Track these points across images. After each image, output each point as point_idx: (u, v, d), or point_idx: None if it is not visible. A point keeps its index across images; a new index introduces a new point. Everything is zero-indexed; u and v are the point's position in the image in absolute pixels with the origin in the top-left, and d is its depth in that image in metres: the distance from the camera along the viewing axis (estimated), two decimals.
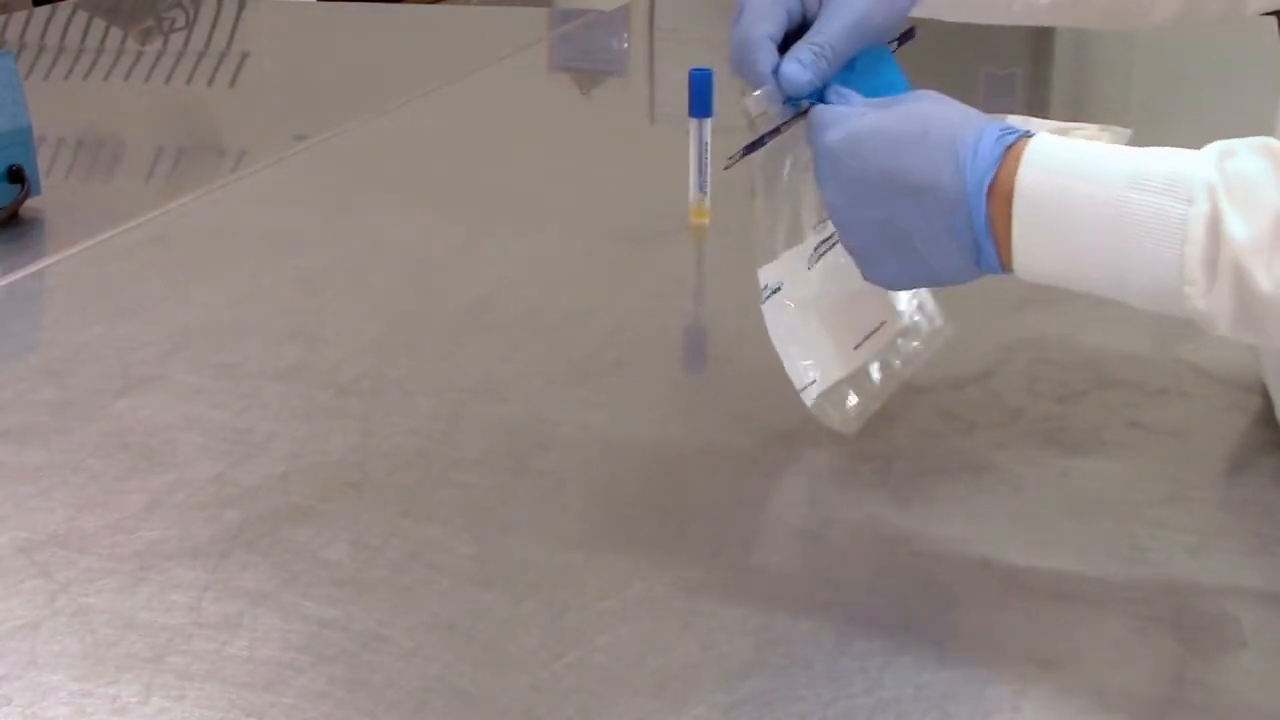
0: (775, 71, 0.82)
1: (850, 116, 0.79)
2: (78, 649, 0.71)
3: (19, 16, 2.51)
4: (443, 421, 0.96)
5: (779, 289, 0.90)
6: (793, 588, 0.76)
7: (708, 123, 1.30)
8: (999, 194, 0.74)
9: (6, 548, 0.79)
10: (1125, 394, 0.97)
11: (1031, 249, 0.74)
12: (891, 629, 0.72)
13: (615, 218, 1.38)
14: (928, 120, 0.77)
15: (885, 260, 0.79)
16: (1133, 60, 2.10)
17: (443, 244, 1.31)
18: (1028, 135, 0.75)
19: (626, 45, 2.54)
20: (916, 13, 0.91)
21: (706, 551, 0.79)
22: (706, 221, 1.32)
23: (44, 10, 2.52)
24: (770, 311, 0.90)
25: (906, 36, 0.90)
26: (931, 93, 0.80)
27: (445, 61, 2.21)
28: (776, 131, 0.85)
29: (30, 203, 1.36)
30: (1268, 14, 1.61)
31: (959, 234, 0.75)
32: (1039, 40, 2.05)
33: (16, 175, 1.34)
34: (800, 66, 0.82)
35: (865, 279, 0.82)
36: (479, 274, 1.19)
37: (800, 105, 0.84)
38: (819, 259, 0.90)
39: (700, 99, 1.29)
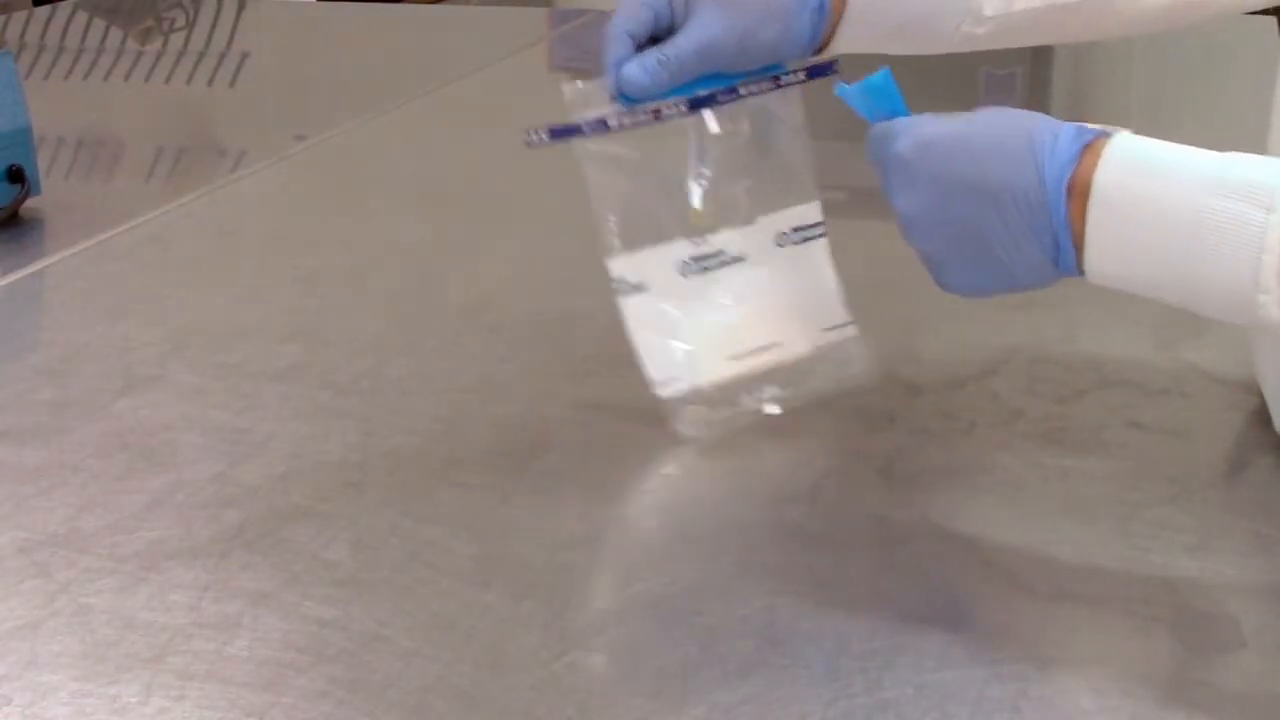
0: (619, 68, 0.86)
1: (920, 124, 0.78)
2: (78, 649, 0.71)
3: (19, 16, 2.51)
4: (443, 421, 0.96)
5: (640, 288, 0.91)
6: (793, 588, 0.76)
7: None
8: (1077, 192, 0.73)
9: (6, 548, 0.79)
10: (1125, 394, 0.97)
11: (1104, 249, 0.73)
12: (891, 629, 0.72)
13: None
14: (1002, 123, 0.76)
15: (961, 267, 0.78)
16: (1133, 60, 2.10)
17: (443, 244, 1.31)
18: (1106, 134, 0.74)
19: None
20: (848, 49, 0.93)
21: (706, 551, 0.79)
22: None
23: (44, 10, 2.52)
24: (631, 307, 0.90)
25: (821, 71, 0.92)
26: (997, 107, 0.79)
27: (445, 61, 2.21)
28: (604, 125, 0.88)
29: (30, 203, 1.36)
30: (1267, 12, 1.61)
31: (1040, 234, 0.74)
32: None
33: (16, 175, 1.34)
34: (642, 70, 0.85)
35: (940, 286, 0.81)
36: (479, 274, 1.19)
37: (654, 105, 0.87)
38: (703, 273, 0.92)
39: None
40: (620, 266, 0.91)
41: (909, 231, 0.79)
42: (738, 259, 0.93)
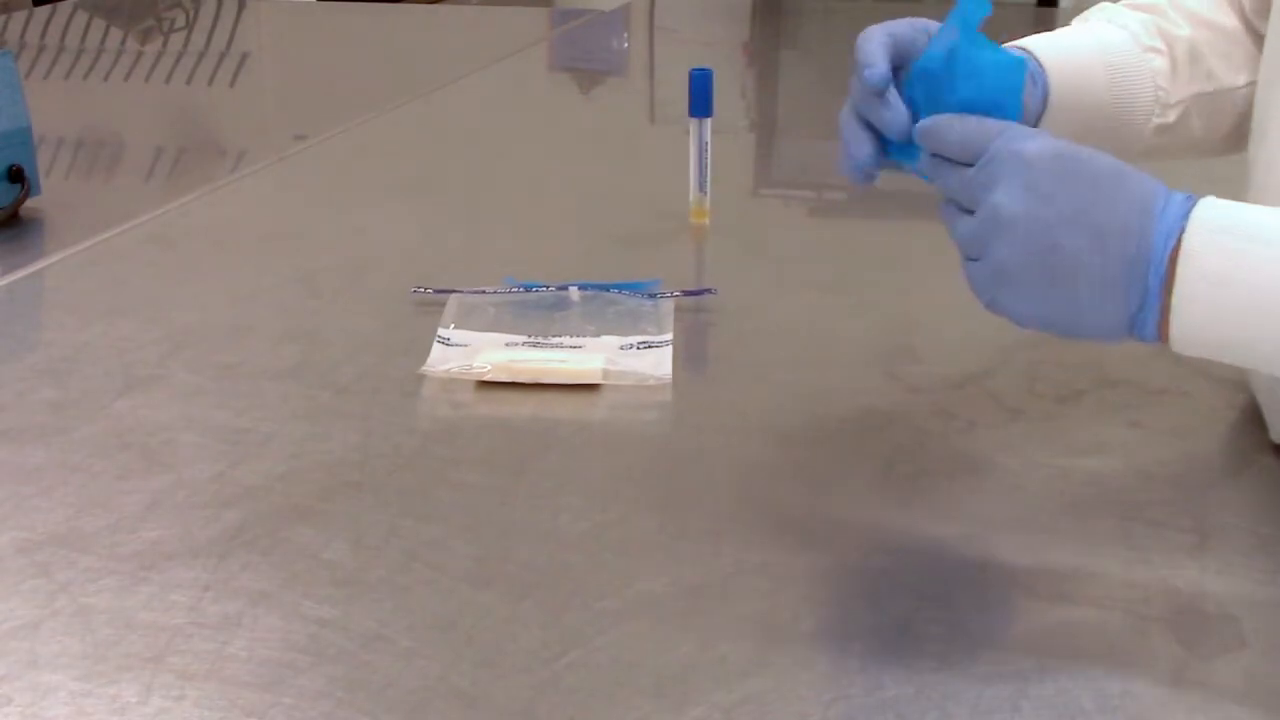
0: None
1: (1045, 134, 0.75)
2: (78, 649, 0.71)
3: (19, 16, 2.51)
4: (443, 421, 0.96)
5: (459, 345, 1.03)
6: (793, 588, 0.76)
7: (708, 123, 1.30)
8: (1171, 259, 0.71)
9: (6, 548, 0.79)
10: (1125, 394, 0.97)
11: (1192, 312, 0.72)
12: (892, 629, 0.72)
13: (615, 218, 1.38)
14: (1122, 164, 0.74)
15: (1031, 288, 0.73)
16: None
17: (442, 244, 1.31)
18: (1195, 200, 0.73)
19: (626, 45, 2.54)
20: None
21: (706, 551, 0.79)
22: (706, 221, 1.32)
23: (44, 10, 2.52)
24: (439, 348, 1.03)
25: (697, 293, 1.11)
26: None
27: (445, 61, 2.21)
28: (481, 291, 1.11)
29: (30, 203, 1.36)
30: None
31: (1131, 285, 0.72)
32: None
33: (16, 175, 1.34)
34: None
35: (988, 304, 0.76)
36: (479, 273, 1.19)
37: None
38: (531, 349, 1.03)
39: (700, 99, 1.29)
40: (448, 330, 1.05)
41: (995, 231, 0.74)
42: (574, 349, 1.03)
